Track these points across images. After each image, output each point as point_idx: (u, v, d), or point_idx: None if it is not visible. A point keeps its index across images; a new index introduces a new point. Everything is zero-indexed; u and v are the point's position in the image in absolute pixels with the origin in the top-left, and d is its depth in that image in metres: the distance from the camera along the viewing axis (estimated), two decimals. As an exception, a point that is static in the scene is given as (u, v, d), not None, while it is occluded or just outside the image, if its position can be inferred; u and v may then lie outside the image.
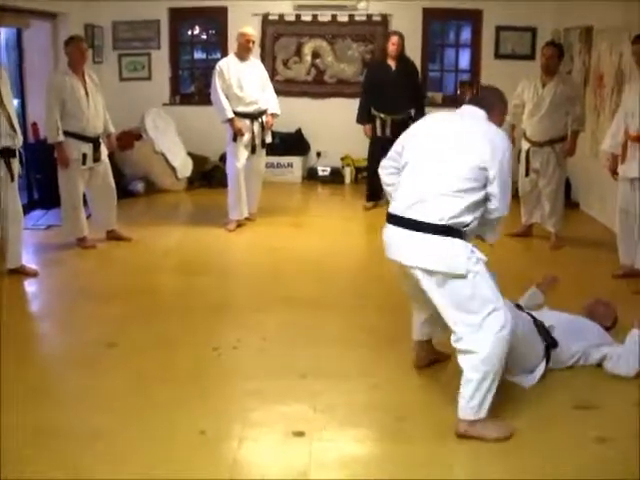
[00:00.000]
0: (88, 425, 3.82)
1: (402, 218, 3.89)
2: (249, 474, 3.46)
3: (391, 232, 3.99)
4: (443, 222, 3.77)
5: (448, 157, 3.86)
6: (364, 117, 9.00)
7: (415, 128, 4.21)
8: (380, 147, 8.40)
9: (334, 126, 10.76)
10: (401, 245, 3.92)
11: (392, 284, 5.24)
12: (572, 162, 8.01)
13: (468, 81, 11.27)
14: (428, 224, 3.78)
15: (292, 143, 10.95)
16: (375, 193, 8.94)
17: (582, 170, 9.04)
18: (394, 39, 8.82)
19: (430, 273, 3.81)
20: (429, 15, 10.91)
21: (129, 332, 5.16)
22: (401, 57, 8.92)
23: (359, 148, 10.41)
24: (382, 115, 8.85)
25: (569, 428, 3.94)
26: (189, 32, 11.78)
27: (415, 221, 3.82)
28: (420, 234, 3.80)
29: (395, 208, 3.97)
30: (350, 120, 9.17)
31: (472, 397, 3.77)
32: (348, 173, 11.04)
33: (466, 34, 11.48)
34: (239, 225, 8.16)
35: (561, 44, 8.27)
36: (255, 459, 3.61)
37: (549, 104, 7.32)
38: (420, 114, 8.55)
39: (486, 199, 3.87)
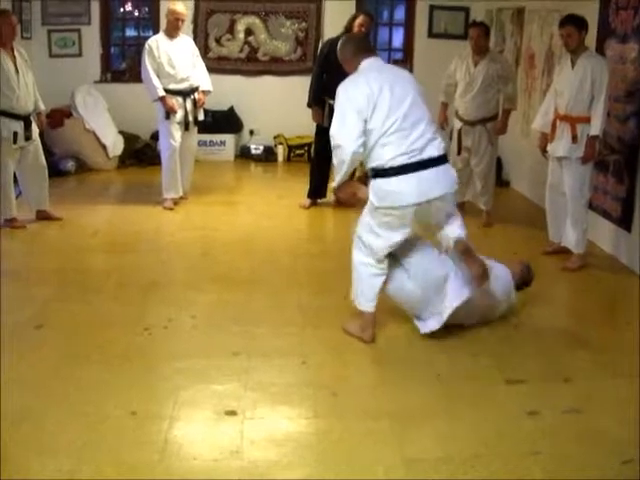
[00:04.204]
0: (16, 407, 3.74)
1: (421, 162, 4.31)
2: (180, 454, 3.42)
3: (415, 177, 4.31)
4: (444, 152, 4.44)
5: (416, 102, 4.39)
6: (314, 99, 7.97)
7: (368, 90, 4.36)
8: (327, 139, 8.14)
9: (267, 104, 10.74)
10: (431, 181, 4.34)
11: (324, 262, 5.28)
12: (503, 141, 8.09)
13: (401, 60, 11.30)
14: (441, 156, 4.39)
15: (225, 121, 10.86)
16: (317, 190, 8.39)
17: (513, 149, 9.14)
18: (361, 19, 7.73)
19: (446, 196, 4.43)
20: (363, -7, 10.88)
21: (59, 313, 5.08)
22: None
23: (292, 126, 10.43)
24: (332, 102, 7.92)
25: (503, 403, 3.99)
26: (121, 9, 11.56)
27: (434, 158, 4.34)
28: (441, 166, 4.38)
29: (407, 157, 4.30)
30: (283, 98, 9.11)
31: None
32: (281, 151, 11.00)
33: (400, 13, 11.50)
34: (174, 204, 8.10)
35: (484, 22, 8.28)
36: (186, 439, 3.57)
37: (481, 83, 7.37)
38: None
39: None
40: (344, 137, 4.34)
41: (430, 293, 4.64)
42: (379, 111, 4.30)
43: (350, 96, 4.39)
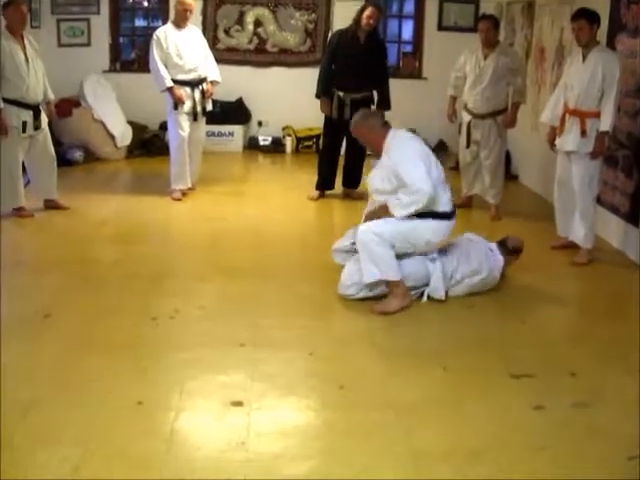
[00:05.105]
0: (22, 397, 3.75)
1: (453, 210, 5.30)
2: (186, 445, 3.42)
3: (452, 223, 5.29)
4: None
5: None
6: (323, 90, 7.94)
7: (421, 145, 5.27)
8: (335, 130, 8.10)
9: (276, 95, 10.73)
10: None
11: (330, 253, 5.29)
12: (512, 135, 8.06)
13: (411, 53, 11.28)
14: None
15: (233, 112, 10.85)
16: (326, 182, 8.36)
17: (522, 143, 9.11)
18: (370, 11, 7.67)
19: None
20: (372, -15, 10.83)
21: (66, 302, 5.08)
22: (373, 32, 7.93)
23: (301, 118, 10.42)
24: (341, 93, 7.81)
25: (509, 397, 3.98)
26: (130, -1, 11.58)
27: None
28: None
29: (450, 206, 5.23)
30: (292, 90, 9.07)
31: None
32: (289, 143, 11.00)
33: (409, 5, 11.46)
34: (183, 194, 8.10)
35: (494, 15, 8.25)
36: (193, 430, 3.58)
37: (490, 76, 7.35)
38: (384, 97, 8.03)
39: None
40: (423, 182, 4.91)
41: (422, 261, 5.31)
42: (432, 164, 5.09)
43: (414, 148, 5.13)
